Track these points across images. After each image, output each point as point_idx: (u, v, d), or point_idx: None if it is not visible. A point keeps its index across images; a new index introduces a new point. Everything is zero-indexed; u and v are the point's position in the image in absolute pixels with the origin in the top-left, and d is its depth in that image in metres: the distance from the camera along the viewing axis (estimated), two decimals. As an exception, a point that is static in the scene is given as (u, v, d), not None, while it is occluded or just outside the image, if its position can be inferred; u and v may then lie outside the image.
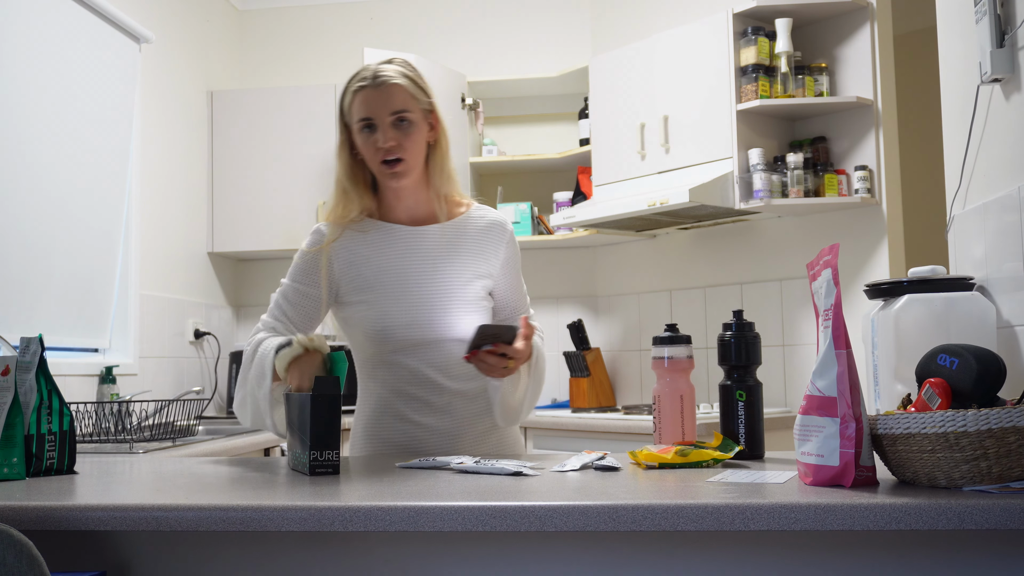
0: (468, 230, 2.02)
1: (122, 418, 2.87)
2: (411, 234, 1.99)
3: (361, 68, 1.97)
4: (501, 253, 2.04)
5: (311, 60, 4.78)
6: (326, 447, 1.60)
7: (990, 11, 1.85)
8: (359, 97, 1.92)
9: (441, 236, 1.99)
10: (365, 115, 1.91)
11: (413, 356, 1.94)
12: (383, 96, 1.90)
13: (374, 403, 2.00)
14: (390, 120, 1.90)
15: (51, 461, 1.73)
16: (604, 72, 3.98)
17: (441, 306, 1.94)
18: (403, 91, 1.91)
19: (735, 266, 3.89)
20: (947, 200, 2.16)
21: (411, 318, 1.93)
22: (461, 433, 1.97)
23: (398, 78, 1.92)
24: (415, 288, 1.95)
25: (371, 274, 1.96)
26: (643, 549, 1.42)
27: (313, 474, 1.60)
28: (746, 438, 1.77)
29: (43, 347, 1.74)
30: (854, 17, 3.50)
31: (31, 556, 1.19)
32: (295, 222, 4.38)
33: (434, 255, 1.98)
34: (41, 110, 3.13)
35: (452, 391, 1.96)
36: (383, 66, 1.94)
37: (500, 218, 2.07)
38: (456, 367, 1.95)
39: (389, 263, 1.96)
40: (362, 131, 1.93)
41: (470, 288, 1.98)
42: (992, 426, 1.26)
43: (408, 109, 1.91)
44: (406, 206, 2.01)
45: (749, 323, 1.81)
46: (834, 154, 3.55)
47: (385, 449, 1.98)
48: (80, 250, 3.36)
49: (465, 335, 1.89)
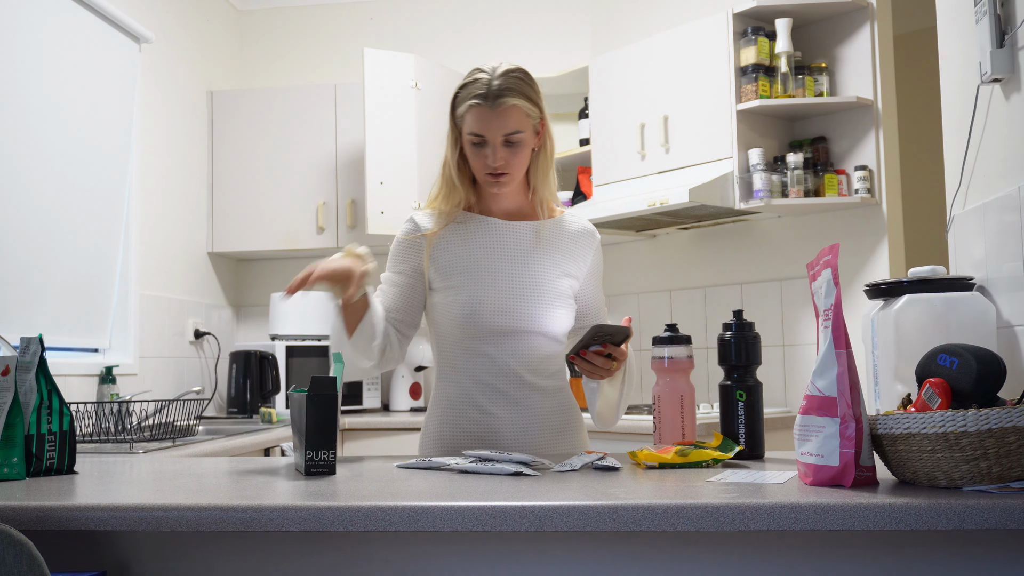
0: (560, 231, 2.06)
1: (122, 418, 2.87)
2: (505, 227, 2.02)
3: (475, 75, 1.94)
4: (589, 260, 2.08)
5: (311, 60, 4.79)
6: (322, 447, 1.60)
7: (990, 11, 1.85)
8: (474, 113, 1.91)
9: (534, 232, 2.03)
10: (478, 132, 1.92)
11: (497, 345, 1.96)
12: (498, 119, 1.89)
13: (453, 392, 2.01)
14: (502, 140, 1.91)
15: (51, 461, 1.73)
16: (604, 72, 3.98)
17: (530, 297, 1.96)
18: (518, 112, 1.90)
19: (735, 266, 3.89)
20: (947, 200, 2.16)
21: (499, 305, 1.95)
22: (535, 429, 1.98)
23: (514, 98, 1.90)
24: (505, 277, 1.97)
25: (462, 261, 1.99)
26: (643, 549, 1.42)
27: (308, 474, 1.59)
28: (746, 438, 1.77)
29: (43, 347, 1.74)
30: (854, 17, 3.50)
31: (31, 556, 1.19)
32: (295, 222, 4.39)
33: (526, 248, 2.01)
34: (41, 110, 3.13)
35: (531, 385, 1.98)
36: (499, 81, 1.90)
37: (591, 227, 2.12)
38: (538, 361, 1.98)
39: (482, 251, 1.99)
40: (473, 144, 1.94)
41: (559, 284, 2.00)
42: (992, 426, 1.26)
43: (521, 130, 1.91)
44: (503, 203, 2.04)
45: (749, 323, 1.81)
46: (834, 154, 3.55)
47: (458, 438, 1.98)
48: (80, 250, 3.36)
49: (549, 329, 1.95)
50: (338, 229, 4.36)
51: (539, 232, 2.03)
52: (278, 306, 4.32)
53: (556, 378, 2.03)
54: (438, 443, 2.01)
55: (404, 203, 4.12)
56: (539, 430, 1.98)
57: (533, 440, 1.97)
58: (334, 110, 4.40)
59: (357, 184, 4.31)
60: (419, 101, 4.20)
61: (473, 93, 1.91)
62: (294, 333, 4.28)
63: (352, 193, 4.35)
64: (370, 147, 4.12)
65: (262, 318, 4.63)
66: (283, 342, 4.19)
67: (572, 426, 2.06)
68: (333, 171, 4.39)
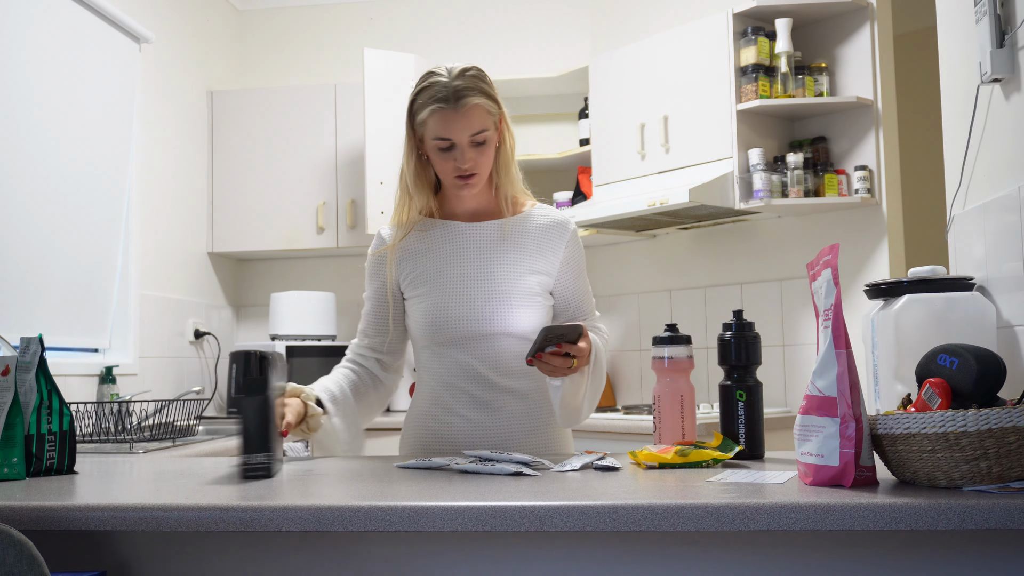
0: (527, 227, 2.03)
1: (122, 418, 2.87)
2: (468, 229, 2.01)
3: (432, 78, 1.90)
4: (561, 252, 2.03)
5: (311, 60, 4.79)
6: (256, 450, 1.57)
7: (990, 11, 1.85)
8: (437, 116, 1.88)
9: (498, 231, 2.01)
10: (444, 135, 1.89)
11: (464, 350, 1.96)
12: (463, 119, 1.87)
13: (425, 395, 2.04)
14: (468, 141, 1.90)
15: (51, 461, 1.73)
16: (604, 72, 3.98)
17: (494, 300, 1.95)
18: (480, 111, 1.89)
19: (735, 266, 3.89)
20: (947, 200, 2.16)
21: (463, 311, 1.95)
22: (508, 430, 1.97)
23: (477, 97, 1.88)
24: (468, 281, 1.97)
25: (428, 269, 1.99)
26: (643, 549, 1.42)
27: (244, 478, 1.56)
28: (746, 438, 1.77)
29: (43, 347, 1.74)
30: (854, 17, 3.50)
31: (31, 556, 1.19)
32: (295, 222, 4.39)
33: (488, 249, 1.99)
34: (41, 110, 3.13)
35: (501, 387, 1.97)
36: (458, 82, 1.88)
37: (562, 218, 2.06)
38: (506, 363, 1.97)
39: (444, 257, 1.99)
40: (439, 149, 1.91)
41: (523, 282, 1.97)
42: (992, 426, 1.26)
43: (486, 128, 1.90)
44: (468, 206, 2.03)
45: (749, 323, 1.81)
46: (834, 154, 3.55)
47: (432, 441, 1.99)
48: (80, 250, 3.36)
49: (516, 330, 1.93)
50: (338, 229, 4.36)
51: (502, 230, 2.00)
52: (278, 306, 4.32)
53: (528, 378, 1.97)
54: (412, 444, 2.04)
55: (404, 203, 4.11)
56: (509, 431, 1.97)
57: (503, 442, 1.96)
58: (334, 110, 4.40)
59: (357, 184, 4.31)
60: (419, 101, 4.19)
61: (434, 97, 1.88)
62: (294, 333, 4.28)
63: (352, 193, 4.35)
64: (370, 147, 4.12)
65: (262, 318, 4.63)
66: (283, 342, 4.19)
67: (545, 428, 2.01)
68: (333, 171, 4.39)
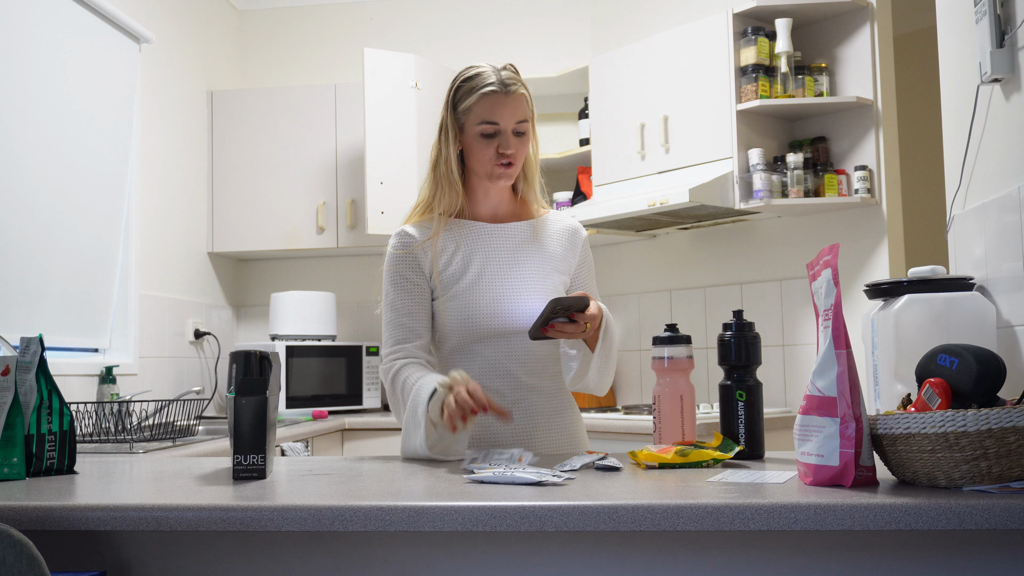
0: (547, 230, 2.10)
1: (122, 418, 2.87)
2: (495, 229, 2.06)
3: (477, 70, 1.99)
4: (577, 254, 2.11)
5: (311, 60, 4.79)
6: (250, 451, 1.57)
7: (990, 11, 1.85)
8: (488, 100, 1.95)
9: (522, 232, 2.07)
10: (492, 119, 1.95)
11: (493, 346, 1.99)
12: (512, 104, 1.96)
13: None
14: (513, 128, 1.97)
15: (51, 461, 1.73)
16: (604, 72, 3.98)
17: (523, 296, 1.99)
18: (526, 102, 1.99)
19: (735, 266, 3.89)
20: (947, 200, 2.16)
21: (493, 308, 1.98)
22: (534, 429, 2.00)
23: (523, 88, 1.99)
24: (497, 279, 2.01)
25: (457, 268, 2.02)
26: (643, 549, 1.42)
27: (237, 479, 1.56)
28: (746, 438, 1.77)
29: (43, 347, 1.74)
30: (854, 17, 3.50)
31: (31, 556, 1.19)
32: (295, 222, 4.39)
33: (515, 248, 2.05)
34: (41, 110, 3.13)
35: (528, 386, 2.00)
36: (506, 73, 1.98)
37: (576, 224, 2.15)
38: (535, 362, 2.01)
39: (474, 256, 2.02)
40: (483, 134, 1.97)
41: (550, 280, 2.04)
42: (992, 426, 1.26)
43: (527, 119, 1.99)
44: (491, 205, 2.07)
45: (749, 323, 1.81)
46: (834, 154, 3.55)
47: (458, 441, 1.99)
48: (80, 250, 3.36)
49: None
50: (338, 229, 4.36)
51: (533, 230, 2.07)
52: (278, 306, 4.32)
53: (557, 379, 2.05)
54: None
55: (404, 203, 4.11)
56: (538, 431, 2.00)
57: (532, 441, 1.98)
58: (334, 110, 4.40)
59: (357, 184, 4.31)
60: (419, 101, 4.19)
61: (483, 83, 1.96)
62: (294, 333, 4.28)
63: (352, 193, 4.35)
64: (370, 147, 4.12)
65: (262, 318, 4.63)
66: (283, 342, 4.19)
67: (572, 428, 2.07)
68: (333, 171, 4.39)
